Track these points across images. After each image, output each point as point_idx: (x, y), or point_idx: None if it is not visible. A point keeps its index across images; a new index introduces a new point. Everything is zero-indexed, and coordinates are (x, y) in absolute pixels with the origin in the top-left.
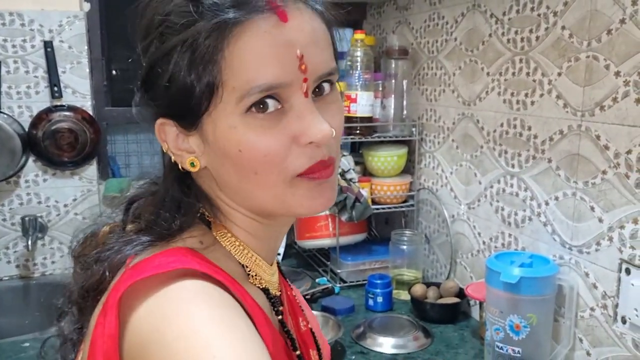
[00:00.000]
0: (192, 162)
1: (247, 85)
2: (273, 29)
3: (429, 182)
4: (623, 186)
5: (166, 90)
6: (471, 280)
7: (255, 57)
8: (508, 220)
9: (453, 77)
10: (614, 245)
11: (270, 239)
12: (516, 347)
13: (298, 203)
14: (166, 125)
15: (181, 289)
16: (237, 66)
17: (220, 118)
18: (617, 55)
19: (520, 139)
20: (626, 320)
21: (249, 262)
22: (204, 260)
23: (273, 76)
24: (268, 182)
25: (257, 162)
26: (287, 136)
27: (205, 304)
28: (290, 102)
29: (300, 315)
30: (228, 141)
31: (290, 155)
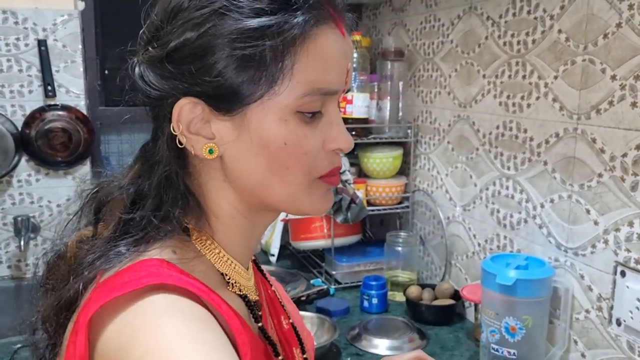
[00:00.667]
0: (211, 149)
1: (312, 85)
2: (339, 39)
3: (424, 183)
4: (619, 189)
5: (214, 70)
6: (466, 282)
7: (326, 60)
8: (503, 222)
9: (449, 79)
10: (610, 247)
11: (251, 239)
12: (512, 349)
13: (310, 204)
14: (192, 105)
15: (150, 304)
16: (309, 64)
17: (273, 109)
18: (613, 59)
19: (516, 141)
20: (621, 323)
21: (229, 270)
22: (176, 272)
23: (334, 83)
24: (295, 179)
25: (294, 158)
26: (321, 139)
27: (174, 319)
28: (327, 109)
29: (282, 313)
30: (275, 133)
31: (317, 158)
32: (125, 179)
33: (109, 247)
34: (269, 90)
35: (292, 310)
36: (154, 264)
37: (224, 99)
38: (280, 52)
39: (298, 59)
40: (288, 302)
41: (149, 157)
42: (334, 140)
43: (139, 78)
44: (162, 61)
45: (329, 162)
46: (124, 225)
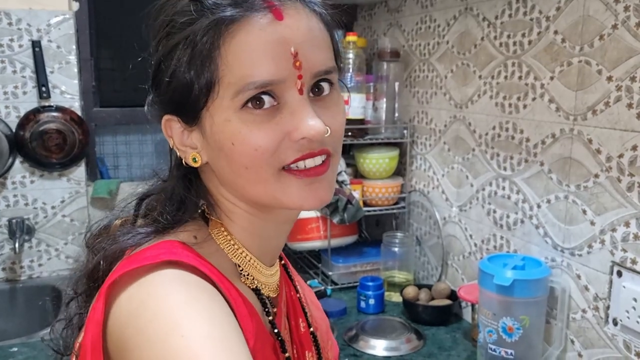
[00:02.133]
0: (195, 158)
1: (242, 82)
2: (268, 26)
3: (421, 184)
4: (615, 190)
5: (169, 86)
6: (463, 282)
7: (250, 53)
8: (500, 222)
9: (445, 79)
10: (606, 247)
11: (270, 238)
12: (509, 349)
13: (289, 198)
14: (171, 121)
15: (162, 275)
16: (233, 62)
17: (217, 112)
18: (609, 60)
19: (513, 142)
20: (617, 322)
21: (242, 262)
22: (193, 254)
23: (267, 73)
24: (258, 177)
25: (247, 156)
26: (280, 132)
27: (181, 287)
28: (285, 99)
29: (301, 316)
30: (223, 134)
31: (279, 150)
32: (160, 186)
33: (139, 228)
34: (209, 96)
35: (319, 318)
36: (174, 245)
37: (184, 112)
38: (200, 60)
39: (220, 61)
40: (316, 309)
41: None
42: (295, 129)
43: (147, 104)
44: (150, 87)
45: (295, 150)
46: (157, 213)
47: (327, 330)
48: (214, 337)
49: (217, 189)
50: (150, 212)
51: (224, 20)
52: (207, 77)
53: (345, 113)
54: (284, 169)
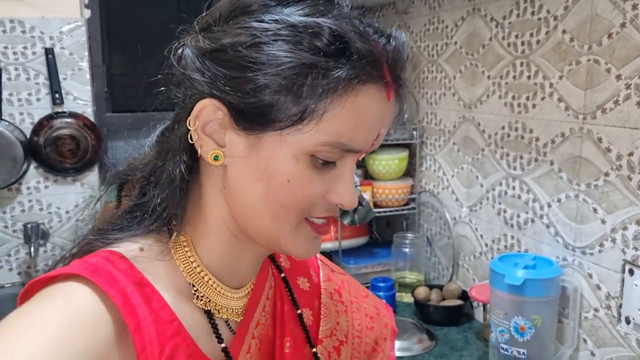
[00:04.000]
0: (217, 156)
1: (336, 138)
2: (381, 102)
3: (430, 184)
4: (625, 188)
5: (250, 86)
6: (474, 282)
7: (359, 120)
8: (510, 222)
9: (453, 80)
10: (617, 246)
11: (243, 263)
12: (521, 349)
13: (293, 245)
14: (216, 108)
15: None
16: (340, 117)
17: (289, 143)
18: (618, 58)
19: (522, 141)
20: (630, 321)
21: (198, 282)
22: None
23: (359, 143)
24: (286, 218)
25: (292, 198)
26: (325, 188)
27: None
28: (342, 161)
29: (290, 335)
30: (283, 167)
31: (316, 203)
32: (143, 161)
33: (105, 231)
34: (293, 126)
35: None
36: (101, 256)
37: (247, 115)
38: (318, 94)
39: (331, 108)
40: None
41: (164, 143)
42: (336, 194)
43: (177, 60)
44: (206, 55)
45: (325, 209)
46: (130, 209)
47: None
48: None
49: (214, 196)
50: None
51: (362, 75)
52: (312, 109)
53: None
54: (306, 219)
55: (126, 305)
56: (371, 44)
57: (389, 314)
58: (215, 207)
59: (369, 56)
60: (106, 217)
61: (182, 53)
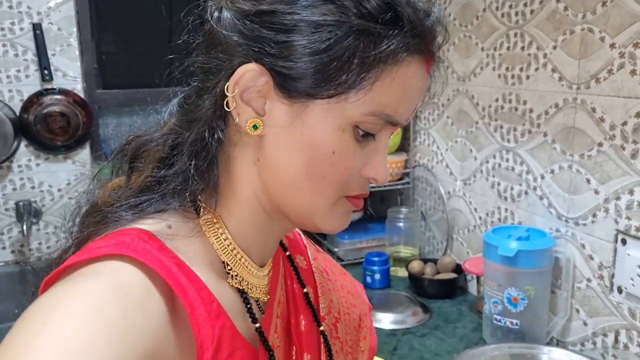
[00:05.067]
0: (255, 125)
1: (382, 109)
2: (423, 75)
3: (425, 159)
4: (619, 157)
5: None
6: (468, 255)
7: (405, 91)
8: (504, 195)
9: (447, 52)
10: (610, 216)
11: (271, 237)
12: (514, 320)
13: (329, 220)
14: (257, 73)
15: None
16: (389, 87)
17: (335, 113)
18: (612, 27)
19: (516, 113)
20: (622, 290)
21: (232, 260)
22: (152, 246)
23: (402, 115)
24: (326, 191)
25: (335, 171)
26: (363, 162)
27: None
28: (380, 135)
29: (303, 313)
30: (329, 138)
31: (353, 178)
32: (159, 132)
33: (120, 207)
34: (341, 95)
35: (351, 306)
36: (132, 234)
37: (293, 82)
38: (369, 63)
39: (382, 78)
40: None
41: (189, 112)
42: (373, 169)
43: (217, 22)
44: (249, 17)
45: (360, 186)
46: (149, 183)
47: (360, 318)
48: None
49: (246, 168)
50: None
51: (414, 45)
52: (363, 78)
53: None
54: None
55: (177, 285)
56: (420, 14)
57: (362, 290)
58: (247, 180)
59: (419, 26)
60: (115, 194)
61: (220, 15)
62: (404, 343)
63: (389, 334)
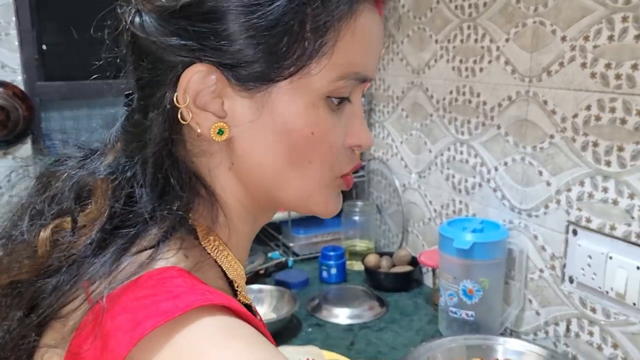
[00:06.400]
0: (221, 130)
1: (351, 68)
2: (377, 19)
3: (379, 152)
4: (570, 150)
5: (249, 37)
6: (423, 248)
7: (368, 42)
8: (458, 187)
9: (401, 45)
10: (562, 207)
11: (250, 240)
12: (469, 311)
13: (325, 204)
14: (204, 73)
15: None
16: (352, 43)
17: (303, 90)
18: (563, 20)
19: (470, 105)
20: (573, 280)
21: (237, 277)
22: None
23: (371, 71)
24: (316, 175)
25: (319, 151)
26: (344, 132)
27: (241, 341)
28: (354, 98)
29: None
30: (303, 120)
31: (340, 154)
32: (106, 159)
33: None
34: (302, 69)
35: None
36: (180, 276)
37: (246, 71)
38: (323, 25)
39: (341, 37)
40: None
41: (137, 135)
42: (356, 135)
43: (139, 29)
44: (175, 14)
45: (349, 159)
46: (116, 219)
47: None
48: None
49: (220, 176)
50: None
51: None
52: (321, 43)
53: None
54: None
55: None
56: None
57: None
58: (228, 190)
59: None
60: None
61: (141, 20)
62: (360, 338)
63: (346, 329)
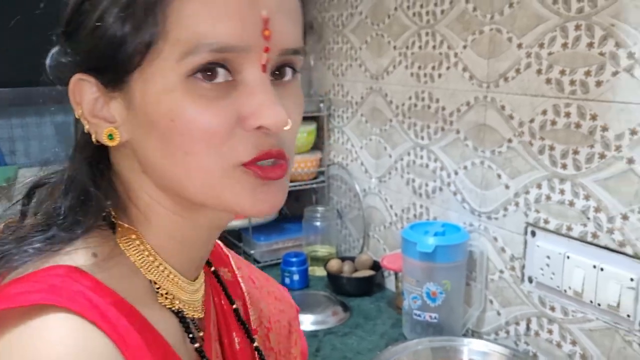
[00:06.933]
0: (111, 134)
1: (195, 40)
2: None
3: (339, 157)
4: (527, 153)
5: (92, 35)
6: (385, 252)
7: (210, 6)
8: (419, 191)
9: (360, 51)
10: (520, 209)
11: (196, 246)
12: (433, 313)
13: (236, 200)
14: (84, 83)
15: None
16: (186, 15)
17: (154, 77)
18: (519, 28)
19: (429, 111)
20: (532, 280)
21: (159, 278)
22: (86, 286)
23: (228, 35)
24: (201, 167)
25: (190, 140)
26: (232, 115)
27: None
28: (243, 75)
29: (235, 330)
30: (159, 107)
31: (232, 139)
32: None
33: (24, 242)
34: (146, 54)
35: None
36: (59, 274)
37: (106, 70)
38: (144, 6)
39: (170, 11)
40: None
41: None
42: (252, 115)
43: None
44: (60, 33)
45: (253, 145)
46: (49, 215)
47: (288, 324)
48: None
49: (136, 179)
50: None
51: None
52: (150, 29)
53: (303, 105)
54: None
55: (120, 340)
56: None
57: (287, 294)
58: (144, 193)
59: None
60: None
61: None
62: (325, 343)
63: (311, 335)
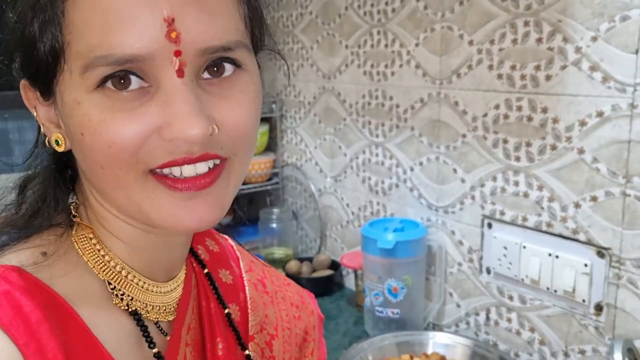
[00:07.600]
0: (57, 140)
1: (90, 54)
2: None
3: (293, 158)
4: (482, 147)
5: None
6: (342, 251)
7: (102, 15)
8: (375, 188)
9: (311, 51)
10: (477, 202)
11: (157, 251)
12: (395, 309)
13: (158, 214)
14: (27, 90)
15: None
16: (80, 25)
17: (67, 89)
18: (470, 25)
19: (383, 109)
20: (490, 270)
21: (116, 278)
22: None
23: (124, 44)
24: (118, 181)
25: (100, 154)
26: (146, 125)
27: None
28: (159, 81)
29: (221, 336)
30: (72, 120)
31: (146, 146)
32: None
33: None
34: (56, 67)
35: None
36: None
37: (35, 77)
38: (42, 14)
39: (65, 22)
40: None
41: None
42: (167, 126)
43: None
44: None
45: (166, 151)
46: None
47: (304, 332)
48: None
49: (86, 183)
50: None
51: None
52: (50, 40)
53: (255, 102)
54: (152, 172)
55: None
56: None
57: (312, 300)
58: (90, 195)
59: None
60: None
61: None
62: None
63: None
